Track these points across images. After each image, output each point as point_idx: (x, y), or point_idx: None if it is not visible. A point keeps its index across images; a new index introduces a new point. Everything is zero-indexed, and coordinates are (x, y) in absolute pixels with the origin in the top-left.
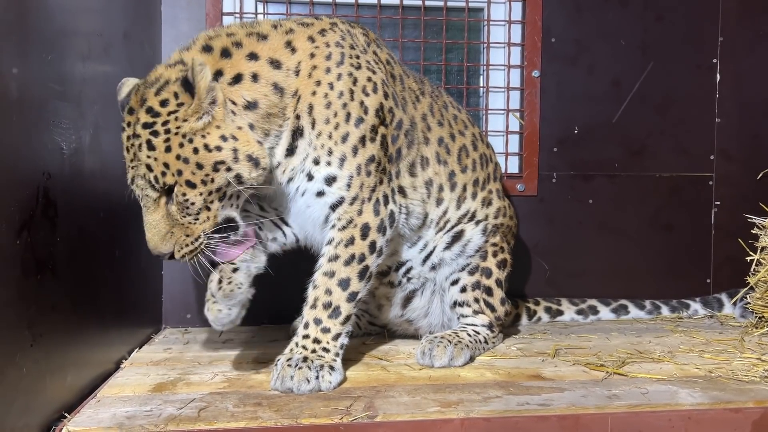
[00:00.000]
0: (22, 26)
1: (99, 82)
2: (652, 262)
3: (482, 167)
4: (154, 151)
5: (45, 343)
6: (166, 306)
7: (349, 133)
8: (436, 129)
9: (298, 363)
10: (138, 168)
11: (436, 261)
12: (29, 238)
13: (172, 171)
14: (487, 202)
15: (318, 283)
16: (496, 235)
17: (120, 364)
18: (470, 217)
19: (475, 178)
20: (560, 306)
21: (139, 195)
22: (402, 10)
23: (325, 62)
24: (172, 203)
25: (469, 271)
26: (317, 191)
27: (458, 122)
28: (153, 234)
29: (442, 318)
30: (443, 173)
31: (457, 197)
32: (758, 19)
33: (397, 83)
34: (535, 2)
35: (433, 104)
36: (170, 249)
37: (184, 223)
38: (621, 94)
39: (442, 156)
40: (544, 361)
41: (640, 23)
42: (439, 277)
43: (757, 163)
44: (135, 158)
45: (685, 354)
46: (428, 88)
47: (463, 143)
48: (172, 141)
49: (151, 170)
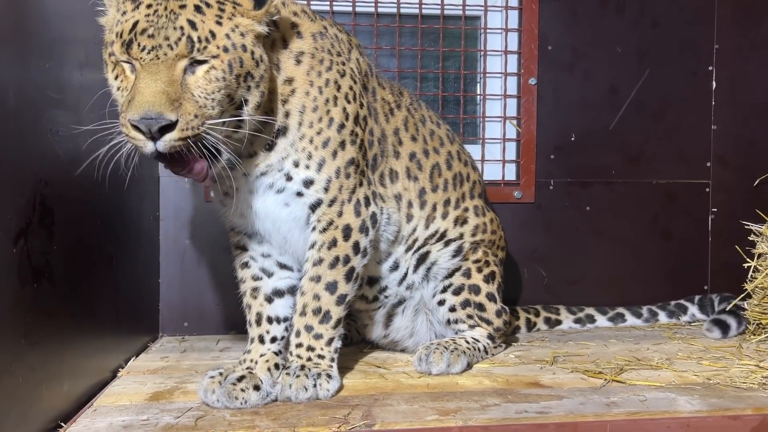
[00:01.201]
0: (20, 34)
1: (96, 89)
2: (649, 269)
3: (455, 188)
4: (203, 15)
5: (41, 351)
6: (163, 314)
7: (331, 138)
8: (409, 144)
9: (296, 371)
10: (172, 20)
11: (409, 282)
12: (26, 246)
13: (218, 44)
14: (461, 221)
15: (305, 289)
16: (477, 251)
17: (117, 373)
18: (439, 237)
19: (446, 198)
20: (559, 315)
21: (150, 47)
22: (399, 19)
23: (318, 65)
24: (192, 74)
25: (453, 291)
26: (296, 191)
27: (434, 138)
28: (159, 93)
29: (429, 338)
30: (413, 189)
31: (426, 216)
32: (753, 27)
33: (368, 94)
34: (532, 10)
35: (408, 118)
36: (175, 117)
37: (198, 101)
38: (618, 101)
39: (413, 171)
40: (543, 369)
41: (636, 30)
42: (419, 296)
43: (754, 170)
44: (165, 11)
45: (683, 361)
46: (406, 100)
47: (437, 161)
48: (224, 20)
49: (194, 28)
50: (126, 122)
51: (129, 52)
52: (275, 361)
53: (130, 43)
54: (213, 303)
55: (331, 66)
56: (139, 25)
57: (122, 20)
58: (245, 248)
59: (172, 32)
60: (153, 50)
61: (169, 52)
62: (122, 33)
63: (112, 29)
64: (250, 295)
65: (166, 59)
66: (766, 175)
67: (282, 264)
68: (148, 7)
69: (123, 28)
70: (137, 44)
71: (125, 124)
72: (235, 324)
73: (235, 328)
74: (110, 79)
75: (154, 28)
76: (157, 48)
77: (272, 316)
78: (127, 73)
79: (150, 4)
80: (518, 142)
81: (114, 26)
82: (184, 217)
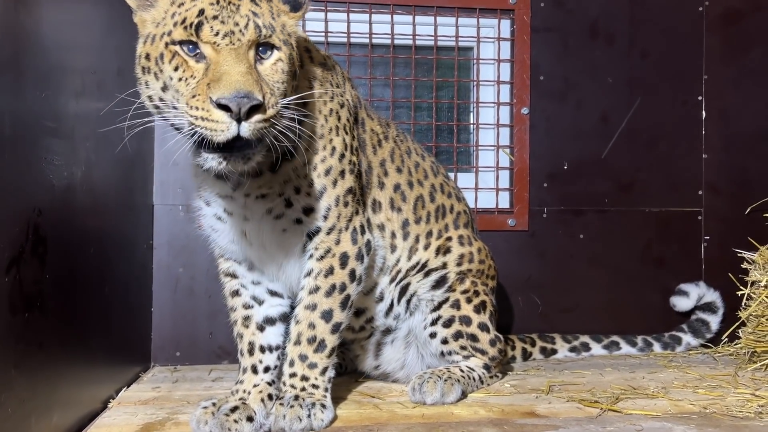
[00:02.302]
0: (18, 63)
1: (92, 118)
2: (643, 297)
3: (437, 220)
4: (260, 8)
5: (31, 382)
6: (155, 343)
7: (333, 167)
8: (394, 175)
9: (290, 401)
10: (235, 10)
11: (395, 313)
12: (18, 275)
13: (278, 36)
14: (443, 250)
15: (300, 318)
16: (464, 281)
17: (107, 404)
18: (419, 268)
19: (429, 230)
20: (554, 345)
21: (224, 32)
22: (393, 49)
23: (324, 95)
24: (261, 64)
25: (443, 323)
26: (295, 218)
27: (419, 171)
28: (246, 74)
29: (421, 369)
30: (396, 220)
31: (409, 247)
32: (741, 58)
33: (358, 126)
34: (524, 41)
35: (395, 149)
36: (262, 97)
37: (271, 87)
38: (609, 130)
39: (397, 203)
40: (538, 398)
41: (626, 61)
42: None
43: (745, 198)
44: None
45: (679, 389)
46: (393, 132)
47: (421, 193)
48: (276, 17)
49: (258, 17)
50: (206, 104)
51: (199, 35)
52: (268, 391)
53: (200, 26)
54: (205, 332)
55: (333, 97)
56: (207, 12)
57: (181, 10)
58: (235, 275)
59: (240, 19)
60: (227, 36)
61: (242, 38)
62: (186, 19)
63: (164, 21)
64: (241, 323)
65: (240, 45)
66: (757, 203)
67: (273, 291)
68: None
69: (186, 15)
70: (210, 28)
71: (203, 107)
72: (228, 353)
73: (228, 358)
74: (167, 70)
75: (222, 15)
76: (230, 34)
77: (265, 345)
78: (191, 63)
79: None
80: (511, 170)
81: (167, 18)
82: (178, 245)
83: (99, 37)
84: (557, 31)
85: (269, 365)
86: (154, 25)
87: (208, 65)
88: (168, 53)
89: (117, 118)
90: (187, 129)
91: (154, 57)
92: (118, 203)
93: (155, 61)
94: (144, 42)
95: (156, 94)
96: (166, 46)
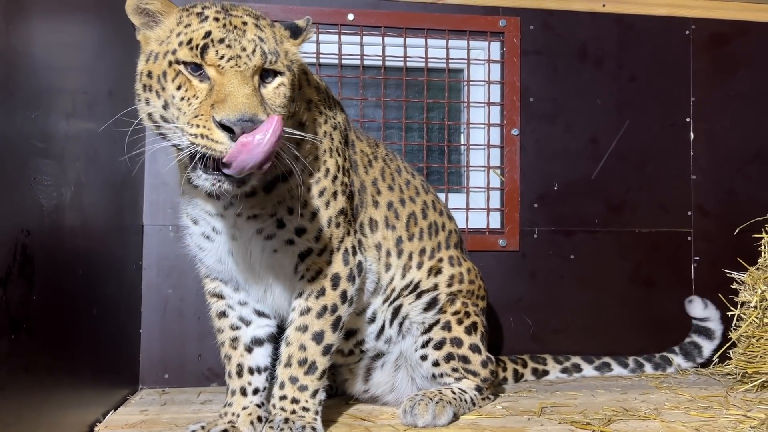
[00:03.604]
0: (7, 84)
1: (82, 139)
2: (634, 317)
3: (431, 236)
4: (264, 33)
5: (16, 406)
6: (144, 366)
7: (326, 188)
8: (386, 193)
9: (280, 425)
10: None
11: (387, 336)
12: (5, 296)
13: (282, 61)
14: (435, 271)
15: (291, 340)
16: (455, 302)
17: (94, 428)
18: (412, 288)
19: (422, 247)
20: (546, 366)
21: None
22: (384, 71)
23: (319, 117)
24: (264, 87)
25: (434, 346)
26: (287, 239)
27: (410, 188)
28: (251, 96)
29: (412, 392)
30: (391, 238)
31: (403, 265)
32: (728, 80)
33: (349, 147)
34: (513, 63)
35: (385, 168)
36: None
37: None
38: (599, 152)
39: (391, 221)
40: (530, 420)
41: (615, 84)
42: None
43: (734, 219)
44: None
45: (671, 411)
46: (382, 152)
47: (413, 210)
48: (279, 43)
49: (264, 42)
50: (208, 123)
51: (204, 57)
52: (258, 413)
53: (205, 49)
54: (194, 354)
55: (327, 119)
56: (214, 35)
57: (187, 31)
58: (221, 296)
59: (247, 44)
60: (232, 59)
61: (249, 62)
62: (192, 40)
63: (169, 40)
64: (229, 345)
65: (246, 68)
66: (746, 224)
67: (260, 312)
68: (215, 20)
69: (192, 36)
70: (215, 51)
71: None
72: (217, 375)
73: (217, 380)
74: (170, 88)
75: (228, 38)
76: (236, 58)
77: (253, 366)
78: (194, 82)
79: (217, 18)
80: (502, 191)
81: (172, 37)
82: (167, 266)
83: (90, 58)
84: (546, 53)
85: (258, 387)
86: (158, 44)
87: (212, 86)
88: (171, 72)
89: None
90: (186, 147)
91: (157, 75)
92: (107, 224)
93: (157, 78)
94: (146, 60)
95: (157, 112)
96: (169, 65)
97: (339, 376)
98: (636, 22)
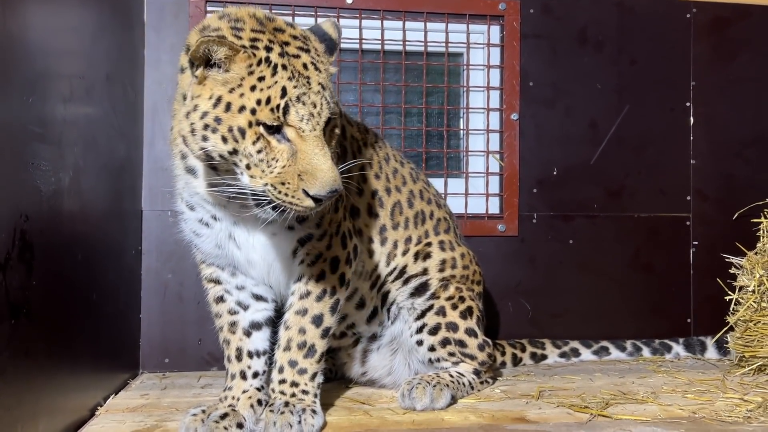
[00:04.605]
0: (3, 68)
1: (80, 124)
2: (632, 302)
3: (416, 226)
4: (321, 74)
5: (17, 390)
6: (144, 350)
7: None
8: (372, 181)
9: (280, 408)
10: (308, 85)
11: (380, 320)
12: (4, 281)
13: (335, 100)
14: (423, 255)
15: (290, 323)
16: (448, 288)
17: (95, 411)
18: (398, 274)
19: (407, 236)
20: (544, 350)
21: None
22: (383, 55)
23: None
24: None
25: (429, 331)
26: (288, 225)
27: (397, 177)
28: (333, 168)
29: (409, 376)
30: (374, 226)
31: (387, 253)
32: (728, 65)
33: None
34: (513, 47)
35: (373, 156)
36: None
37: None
38: (598, 136)
39: (375, 209)
40: (528, 404)
41: (615, 68)
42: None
43: (732, 203)
44: (299, 75)
45: (668, 394)
46: (371, 138)
47: (398, 199)
48: (328, 74)
49: (325, 89)
50: (299, 193)
51: (286, 119)
52: (258, 397)
53: (287, 110)
54: (194, 338)
55: None
56: (290, 92)
57: (263, 86)
58: (219, 281)
59: (315, 97)
60: (309, 120)
61: (320, 120)
62: (270, 99)
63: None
64: (228, 330)
65: (320, 129)
66: (745, 209)
67: (257, 296)
68: (284, 69)
69: (270, 94)
70: (296, 112)
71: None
72: (217, 360)
73: (217, 364)
74: (249, 147)
75: (300, 93)
76: (311, 117)
77: (252, 350)
78: (273, 143)
79: (285, 66)
80: (501, 176)
81: (245, 89)
82: (167, 251)
83: (87, 42)
84: (546, 37)
85: (258, 370)
86: (227, 90)
87: (294, 151)
88: (252, 134)
89: (109, 124)
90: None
91: (229, 126)
92: (106, 209)
93: (229, 129)
94: (215, 104)
95: (216, 152)
96: (249, 126)
97: (337, 360)
98: (636, 6)
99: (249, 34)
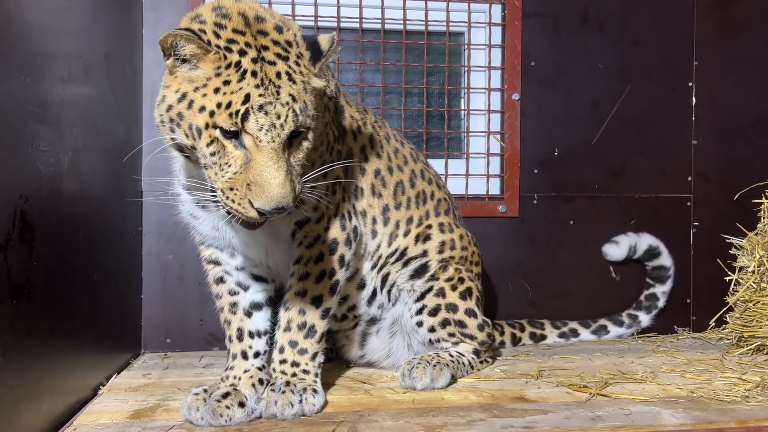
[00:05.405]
0: (2, 48)
1: (79, 104)
2: (633, 283)
3: (418, 206)
4: (296, 85)
5: (20, 369)
6: (146, 330)
7: (325, 160)
8: (374, 160)
9: (281, 387)
10: (276, 95)
11: (379, 302)
12: (5, 262)
13: (309, 113)
14: (423, 237)
15: (290, 305)
16: (447, 269)
17: (98, 391)
18: (398, 256)
19: (409, 216)
20: (544, 330)
21: (267, 126)
22: (384, 34)
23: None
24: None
25: (429, 312)
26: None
27: (398, 156)
28: (284, 183)
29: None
30: (377, 206)
31: (390, 233)
32: (731, 45)
33: (339, 114)
34: (515, 27)
35: (374, 135)
36: (293, 201)
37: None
38: (600, 117)
39: (378, 188)
40: (528, 383)
41: (617, 47)
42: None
43: (734, 184)
44: (269, 83)
45: (667, 374)
46: (371, 118)
47: (400, 179)
48: (306, 85)
49: (295, 101)
50: (244, 201)
51: (244, 126)
52: (259, 376)
53: (246, 117)
54: (196, 319)
55: (325, 92)
56: (252, 100)
57: (226, 90)
58: (218, 262)
59: (281, 108)
60: (269, 130)
61: (282, 132)
62: (231, 104)
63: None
64: (228, 310)
65: (280, 141)
66: (746, 189)
67: (257, 276)
68: (253, 75)
69: (231, 99)
70: (255, 120)
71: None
72: (218, 340)
73: (218, 344)
74: (203, 147)
75: (264, 103)
76: (271, 128)
77: (253, 330)
78: (229, 148)
79: (255, 72)
80: (502, 156)
81: (209, 89)
82: (167, 232)
83: (85, 22)
84: (548, 16)
85: (259, 350)
86: (192, 87)
87: (248, 160)
88: (207, 135)
89: (107, 104)
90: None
91: (189, 123)
92: (106, 190)
93: (189, 127)
94: (179, 99)
95: (183, 144)
96: (206, 127)
97: (337, 342)
98: None
99: (228, 34)
